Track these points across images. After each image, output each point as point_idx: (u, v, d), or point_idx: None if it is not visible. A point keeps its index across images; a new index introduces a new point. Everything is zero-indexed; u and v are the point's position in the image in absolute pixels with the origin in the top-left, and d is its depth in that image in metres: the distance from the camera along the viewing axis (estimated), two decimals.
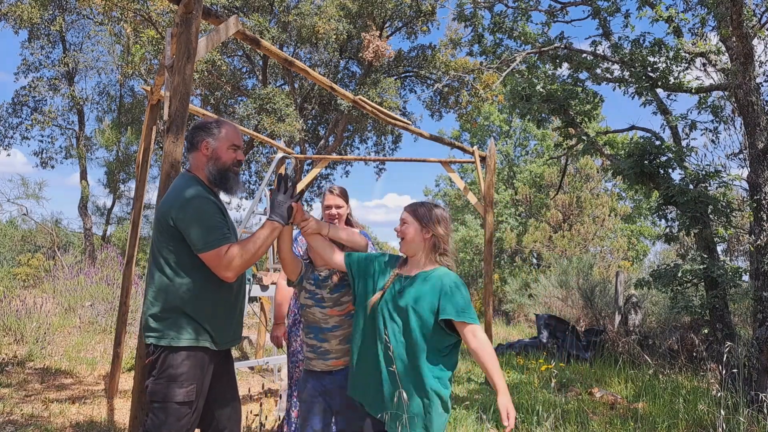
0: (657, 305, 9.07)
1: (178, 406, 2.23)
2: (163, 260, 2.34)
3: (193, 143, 2.49)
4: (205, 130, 2.49)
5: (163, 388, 2.24)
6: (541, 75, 7.52)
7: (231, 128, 2.54)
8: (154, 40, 13.15)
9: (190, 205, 2.30)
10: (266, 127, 13.09)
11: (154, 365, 2.30)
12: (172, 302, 2.30)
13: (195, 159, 2.49)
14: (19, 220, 18.65)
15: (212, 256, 2.27)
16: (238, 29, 3.04)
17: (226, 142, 2.49)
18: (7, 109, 17.21)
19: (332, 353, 2.62)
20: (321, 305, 2.65)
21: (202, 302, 2.33)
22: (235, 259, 2.30)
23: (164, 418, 2.23)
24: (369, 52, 13.98)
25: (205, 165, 2.47)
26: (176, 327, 2.28)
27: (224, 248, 2.29)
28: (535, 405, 4.81)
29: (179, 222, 2.29)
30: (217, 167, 2.47)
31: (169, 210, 2.32)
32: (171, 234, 2.32)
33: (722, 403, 3.95)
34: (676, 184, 6.01)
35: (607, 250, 18.10)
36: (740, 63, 5.56)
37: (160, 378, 2.26)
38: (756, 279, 5.30)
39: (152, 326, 2.32)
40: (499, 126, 23.45)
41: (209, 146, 2.47)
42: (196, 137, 2.48)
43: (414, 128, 6.26)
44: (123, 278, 4.79)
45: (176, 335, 2.27)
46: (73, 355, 6.45)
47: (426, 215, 2.47)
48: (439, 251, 2.47)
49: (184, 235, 2.29)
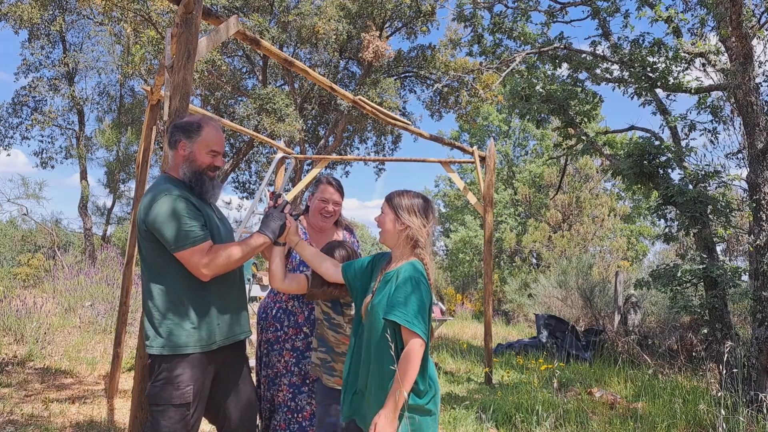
0: (656, 305, 9.08)
1: (175, 409, 2.24)
2: (146, 266, 2.35)
3: (171, 142, 2.44)
4: (184, 130, 2.43)
5: (160, 391, 2.25)
6: (540, 75, 7.54)
7: (212, 131, 2.45)
8: (154, 40, 13.16)
9: (159, 205, 2.26)
10: (266, 127, 13.10)
11: (153, 368, 2.32)
12: (161, 307, 2.29)
13: (173, 158, 2.45)
14: (19, 220, 18.66)
15: (186, 255, 2.25)
16: (238, 29, 3.04)
17: (204, 146, 2.43)
18: (7, 109, 17.21)
19: (337, 372, 2.61)
20: (336, 330, 2.63)
21: (189, 304, 2.31)
22: (216, 259, 2.27)
23: (162, 421, 2.24)
24: (369, 53, 13.99)
25: (180, 165, 2.43)
26: (168, 332, 2.28)
27: (198, 247, 2.26)
28: (534, 405, 4.82)
29: (151, 225, 2.26)
30: (191, 169, 2.41)
31: (142, 215, 2.30)
32: (148, 239, 2.31)
33: (722, 402, 3.96)
34: (675, 184, 6.02)
35: (606, 250, 18.11)
36: (739, 63, 5.57)
37: (157, 381, 2.27)
38: (755, 279, 5.31)
39: (147, 333, 2.33)
40: (498, 126, 23.45)
41: (186, 147, 2.42)
42: (175, 136, 2.43)
43: (414, 128, 6.26)
44: (123, 278, 4.79)
45: (167, 342, 2.27)
46: (73, 355, 6.45)
47: (400, 205, 2.28)
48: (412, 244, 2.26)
49: (158, 237, 2.27)
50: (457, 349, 8.58)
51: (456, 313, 16.62)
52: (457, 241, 20.97)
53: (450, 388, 6.10)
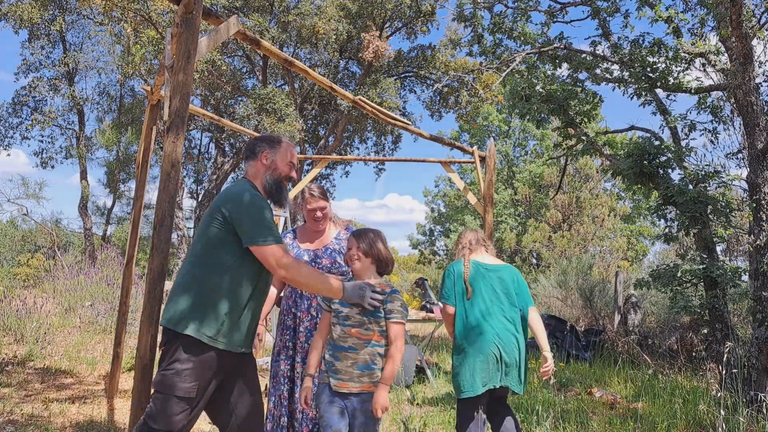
0: (656, 305, 9.08)
1: (177, 400, 2.27)
2: (202, 254, 2.40)
3: (253, 152, 2.62)
4: (268, 142, 2.64)
5: (167, 380, 2.28)
6: (540, 75, 7.54)
7: (290, 146, 2.70)
8: (154, 40, 13.16)
9: (248, 200, 2.39)
10: (266, 127, 13.10)
11: (165, 355, 2.34)
12: (202, 296, 2.34)
13: (253, 167, 2.62)
14: (19, 220, 18.67)
15: (266, 250, 2.35)
16: (238, 29, 3.04)
17: (284, 157, 2.64)
18: (8, 109, 17.22)
19: (341, 373, 2.56)
20: (343, 323, 2.60)
21: (229, 302, 2.37)
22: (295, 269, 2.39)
23: (161, 408, 2.27)
24: (369, 53, 13.99)
25: (263, 174, 2.60)
26: (199, 320, 2.32)
27: (280, 246, 2.37)
28: (534, 405, 4.82)
29: (233, 214, 2.36)
30: (273, 177, 2.60)
31: (224, 203, 2.40)
32: (218, 228, 2.38)
33: (721, 403, 3.95)
34: (675, 184, 6.02)
35: (606, 250, 18.11)
36: (739, 63, 5.57)
37: (167, 370, 2.30)
38: (755, 279, 5.31)
39: (175, 315, 2.34)
40: (498, 126, 23.46)
41: (268, 157, 2.61)
42: (258, 147, 2.62)
43: (414, 128, 6.26)
44: (123, 278, 4.79)
45: (197, 328, 2.30)
46: (73, 355, 6.45)
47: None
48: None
49: (236, 228, 2.36)
50: None
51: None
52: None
53: (450, 388, 6.10)
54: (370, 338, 2.56)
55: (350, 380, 2.54)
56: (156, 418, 2.27)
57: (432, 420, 4.62)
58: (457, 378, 3.22)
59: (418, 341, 8.14)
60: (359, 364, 2.55)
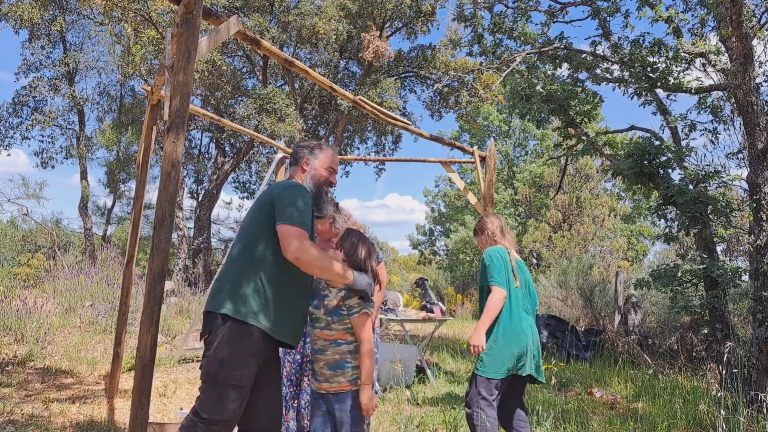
0: (657, 305, 9.08)
1: (229, 389, 2.31)
2: (257, 239, 2.50)
3: (296, 158, 2.78)
4: (309, 148, 2.79)
5: (217, 368, 2.32)
6: (540, 75, 7.54)
7: (331, 152, 2.83)
8: (154, 40, 13.16)
9: (291, 186, 2.54)
10: (266, 127, 13.10)
11: (211, 343, 2.37)
12: (252, 281, 2.42)
13: (294, 172, 2.78)
14: (19, 220, 18.65)
15: (287, 230, 2.41)
16: (238, 29, 3.04)
17: (325, 163, 2.78)
18: (8, 109, 17.20)
19: (317, 375, 2.63)
20: (314, 325, 2.65)
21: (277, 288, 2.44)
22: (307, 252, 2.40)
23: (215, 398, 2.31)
24: (369, 53, 13.98)
25: (304, 179, 2.74)
26: (248, 304, 2.39)
27: (300, 229, 2.42)
28: (535, 405, 4.82)
29: (277, 198, 2.49)
30: (314, 182, 2.74)
31: (273, 190, 2.56)
32: (268, 214, 2.49)
33: (722, 403, 3.95)
34: (675, 184, 6.02)
35: (606, 250, 18.11)
36: (740, 63, 5.57)
37: (215, 358, 2.34)
38: (755, 279, 5.31)
39: (225, 299, 2.41)
40: (498, 126, 23.45)
41: (309, 162, 2.75)
42: (299, 153, 2.78)
43: (414, 128, 6.26)
44: (123, 278, 4.79)
45: (247, 312, 2.37)
46: (73, 355, 6.45)
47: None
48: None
49: (275, 208, 2.46)
50: (457, 349, 8.58)
51: (456, 313, 16.62)
52: (457, 241, 20.96)
53: (450, 388, 6.10)
54: (335, 338, 2.59)
55: (325, 381, 2.59)
56: (209, 409, 2.30)
57: (432, 420, 4.62)
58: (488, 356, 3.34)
59: (418, 341, 8.14)
60: (330, 364, 2.58)
